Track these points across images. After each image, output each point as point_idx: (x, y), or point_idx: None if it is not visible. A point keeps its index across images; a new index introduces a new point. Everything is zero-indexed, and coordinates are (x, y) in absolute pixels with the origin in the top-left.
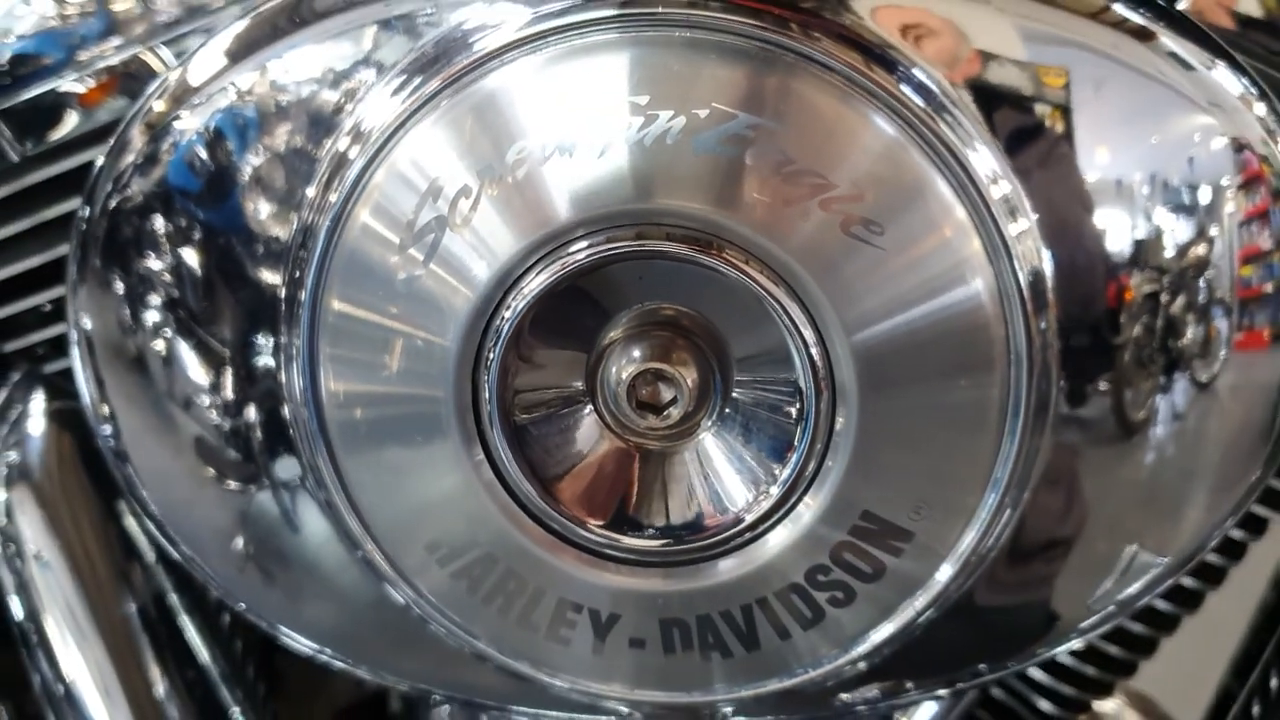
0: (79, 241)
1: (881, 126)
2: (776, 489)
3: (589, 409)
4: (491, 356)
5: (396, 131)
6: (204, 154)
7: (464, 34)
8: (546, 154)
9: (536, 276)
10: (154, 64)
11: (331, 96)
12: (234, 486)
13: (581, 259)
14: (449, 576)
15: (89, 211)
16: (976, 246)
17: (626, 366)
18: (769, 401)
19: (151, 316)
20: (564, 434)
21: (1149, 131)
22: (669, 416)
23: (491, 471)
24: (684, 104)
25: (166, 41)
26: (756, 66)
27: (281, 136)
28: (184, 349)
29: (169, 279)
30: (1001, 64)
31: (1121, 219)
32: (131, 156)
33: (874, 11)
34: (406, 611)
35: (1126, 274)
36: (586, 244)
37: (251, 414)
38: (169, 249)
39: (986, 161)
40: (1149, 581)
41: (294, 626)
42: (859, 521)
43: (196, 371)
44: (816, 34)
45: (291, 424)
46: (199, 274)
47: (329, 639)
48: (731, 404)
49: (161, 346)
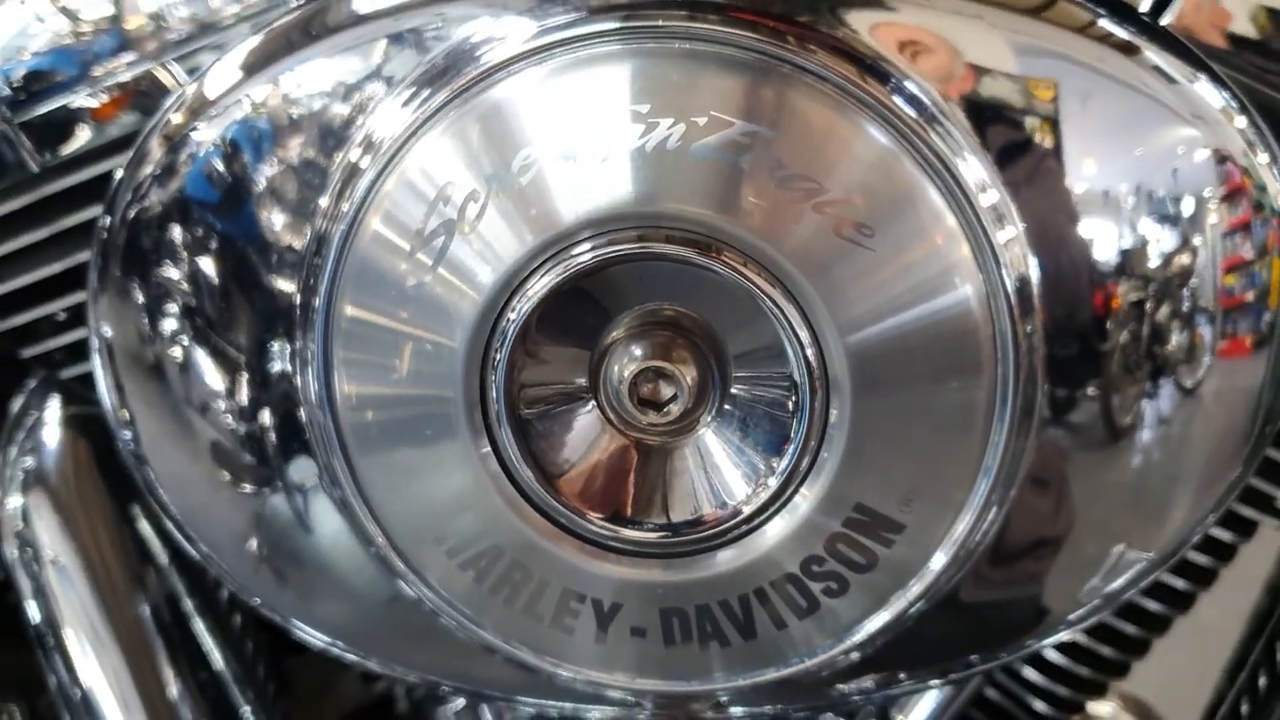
0: (99, 250)
1: (874, 135)
2: (774, 480)
3: (592, 405)
4: (498, 356)
5: (406, 142)
6: (220, 165)
7: (471, 47)
8: (551, 161)
9: (541, 278)
10: (165, 80)
11: (343, 109)
12: (250, 488)
13: (585, 261)
14: (457, 568)
15: (109, 221)
16: (965, 253)
17: (628, 364)
18: (766, 398)
19: (170, 323)
20: (568, 429)
21: (1134, 143)
22: (669, 413)
23: (498, 465)
24: (683, 112)
25: (178, 58)
26: (753, 77)
27: (295, 148)
28: (201, 355)
29: (187, 287)
30: (993, 77)
31: (1108, 228)
32: (150, 167)
33: (872, 28)
34: (417, 605)
35: (1113, 282)
36: (590, 246)
37: (267, 417)
38: (187, 257)
39: (976, 171)
40: (1134, 576)
41: (307, 621)
42: (852, 513)
43: (213, 377)
44: (812, 46)
45: (307, 426)
46: (216, 281)
47: (341, 633)
48: (730, 400)
49: (179, 353)
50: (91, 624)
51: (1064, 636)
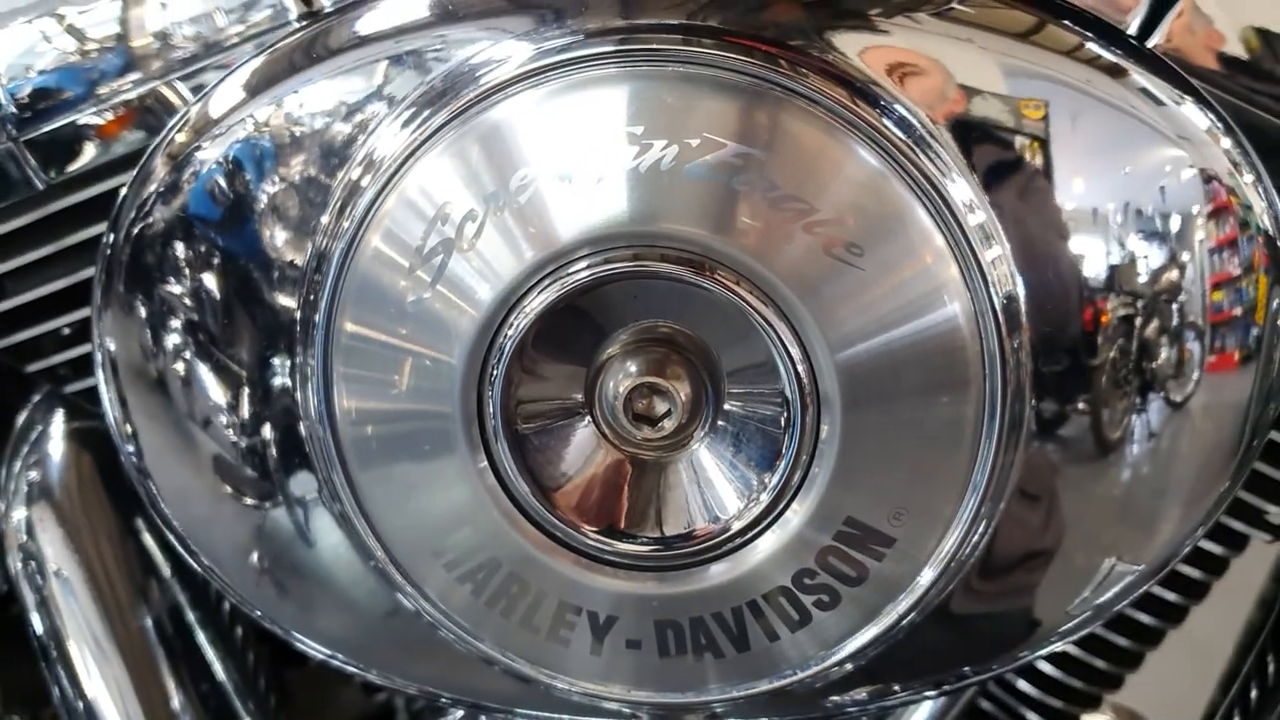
0: (104, 266)
1: (864, 157)
2: (765, 496)
3: (587, 420)
4: (496, 372)
5: (406, 161)
6: (223, 183)
7: (470, 69)
8: (548, 181)
9: (538, 296)
10: (171, 98)
11: (344, 128)
12: (251, 502)
13: (581, 279)
14: (455, 581)
15: (113, 238)
16: (954, 272)
17: (623, 380)
18: (758, 414)
19: (173, 339)
20: (564, 444)
21: (1122, 163)
22: (663, 428)
23: (495, 479)
24: (677, 134)
25: (183, 76)
26: (746, 99)
27: (297, 166)
28: (204, 370)
29: (189, 303)
30: (983, 99)
31: (1097, 245)
32: (154, 185)
33: (862, 52)
34: (417, 618)
35: (1103, 298)
36: (586, 264)
37: (268, 432)
38: (189, 274)
39: (964, 191)
40: (1124, 588)
41: (308, 633)
42: (843, 527)
43: (216, 391)
44: (804, 70)
45: (307, 441)
46: (218, 297)
47: (341, 645)
48: (723, 416)
49: (182, 368)
50: (95, 636)
51: (1056, 648)
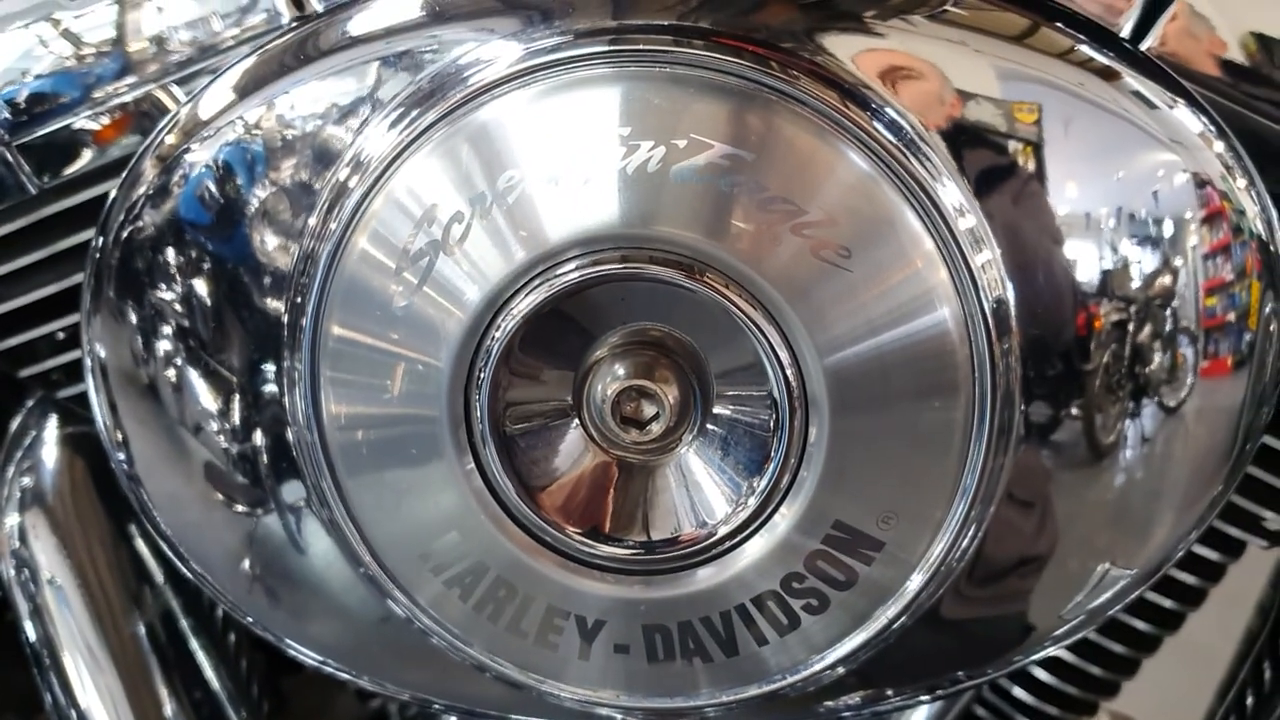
0: (93, 271)
1: (854, 160)
2: (753, 499)
3: (575, 423)
4: (483, 375)
5: (394, 161)
6: (213, 186)
7: (459, 69)
8: (535, 182)
9: (526, 298)
10: (167, 101)
11: (334, 130)
12: (242, 509)
13: (569, 281)
14: (443, 586)
15: (102, 241)
16: (943, 276)
17: (611, 383)
18: (747, 417)
19: (163, 344)
20: (551, 446)
21: (1115, 167)
22: (651, 431)
23: (482, 482)
24: (664, 135)
25: (179, 80)
26: (734, 101)
27: (287, 169)
28: (194, 375)
29: (180, 308)
30: (976, 102)
31: (1089, 250)
32: (143, 188)
33: (854, 55)
34: (408, 624)
35: (1095, 303)
36: (573, 266)
37: (258, 438)
38: (179, 278)
39: (954, 195)
40: (1117, 593)
41: (300, 640)
42: (831, 531)
43: (206, 397)
44: (795, 72)
45: (295, 447)
46: (208, 302)
47: (333, 652)
48: (711, 419)
49: (172, 373)
50: (88, 643)
51: (1050, 652)
